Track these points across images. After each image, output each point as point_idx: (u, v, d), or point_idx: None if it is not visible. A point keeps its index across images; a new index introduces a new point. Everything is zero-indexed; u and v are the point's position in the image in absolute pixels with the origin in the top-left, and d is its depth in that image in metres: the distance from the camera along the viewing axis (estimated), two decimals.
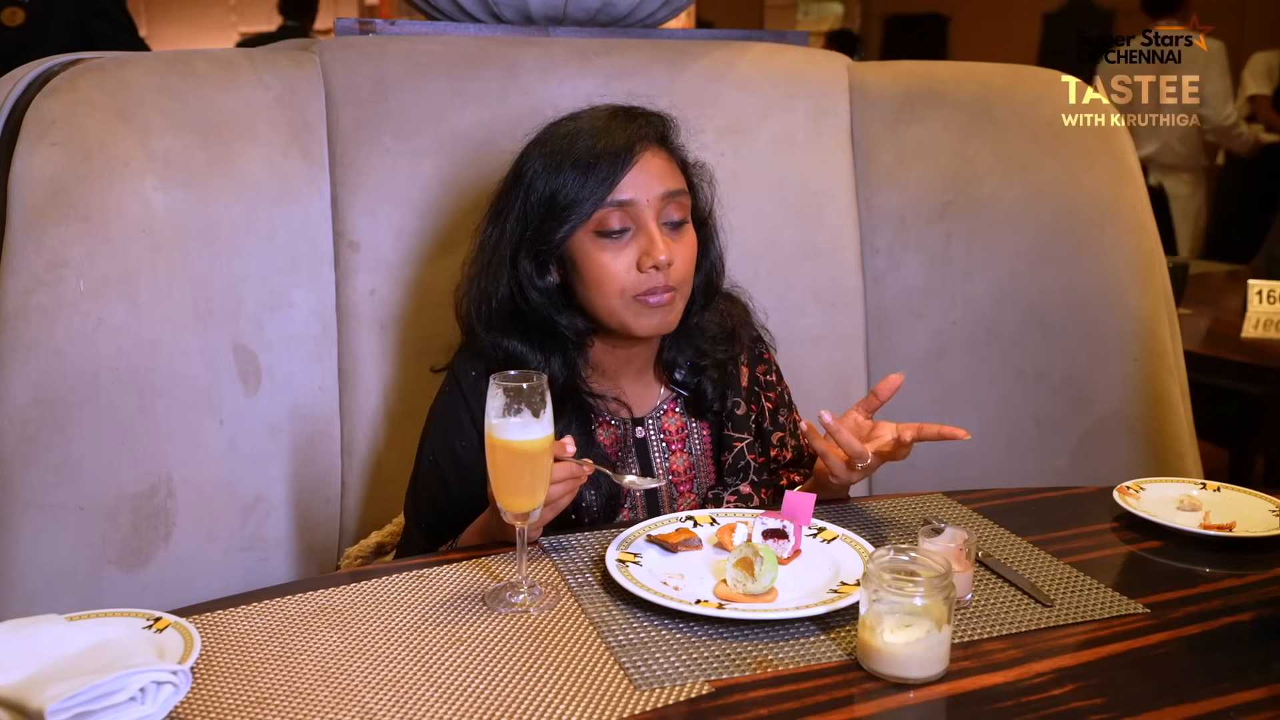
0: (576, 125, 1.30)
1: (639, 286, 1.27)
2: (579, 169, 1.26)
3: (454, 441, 1.34)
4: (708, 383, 1.40)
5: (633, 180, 1.27)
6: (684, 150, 1.37)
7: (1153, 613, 1.07)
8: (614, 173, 1.26)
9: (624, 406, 1.38)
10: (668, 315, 1.30)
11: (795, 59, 1.87)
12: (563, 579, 1.14)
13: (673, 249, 1.28)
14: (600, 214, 1.26)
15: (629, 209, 1.27)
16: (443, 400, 1.37)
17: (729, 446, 1.42)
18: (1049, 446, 1.78)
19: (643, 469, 1.38)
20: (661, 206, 1.28)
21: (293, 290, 1.57)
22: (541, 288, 1.31)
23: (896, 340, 1.82)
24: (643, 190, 1.27)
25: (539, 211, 1.29)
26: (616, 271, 1.27)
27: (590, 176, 1.26)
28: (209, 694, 0.92)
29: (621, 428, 1.39)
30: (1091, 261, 1.77)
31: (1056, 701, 0.91)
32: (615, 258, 1.27)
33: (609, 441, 1.37)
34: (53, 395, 1.34)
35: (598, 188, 1.26)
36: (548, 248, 1.29)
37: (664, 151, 1.32)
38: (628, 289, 1.27)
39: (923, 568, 0.95)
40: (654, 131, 1.31)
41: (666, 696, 0.92)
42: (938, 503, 1.38)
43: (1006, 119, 1.81)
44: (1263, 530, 1.24)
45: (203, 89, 1.55)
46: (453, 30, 1.81)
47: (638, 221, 1.27)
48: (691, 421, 1.42)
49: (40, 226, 1.36)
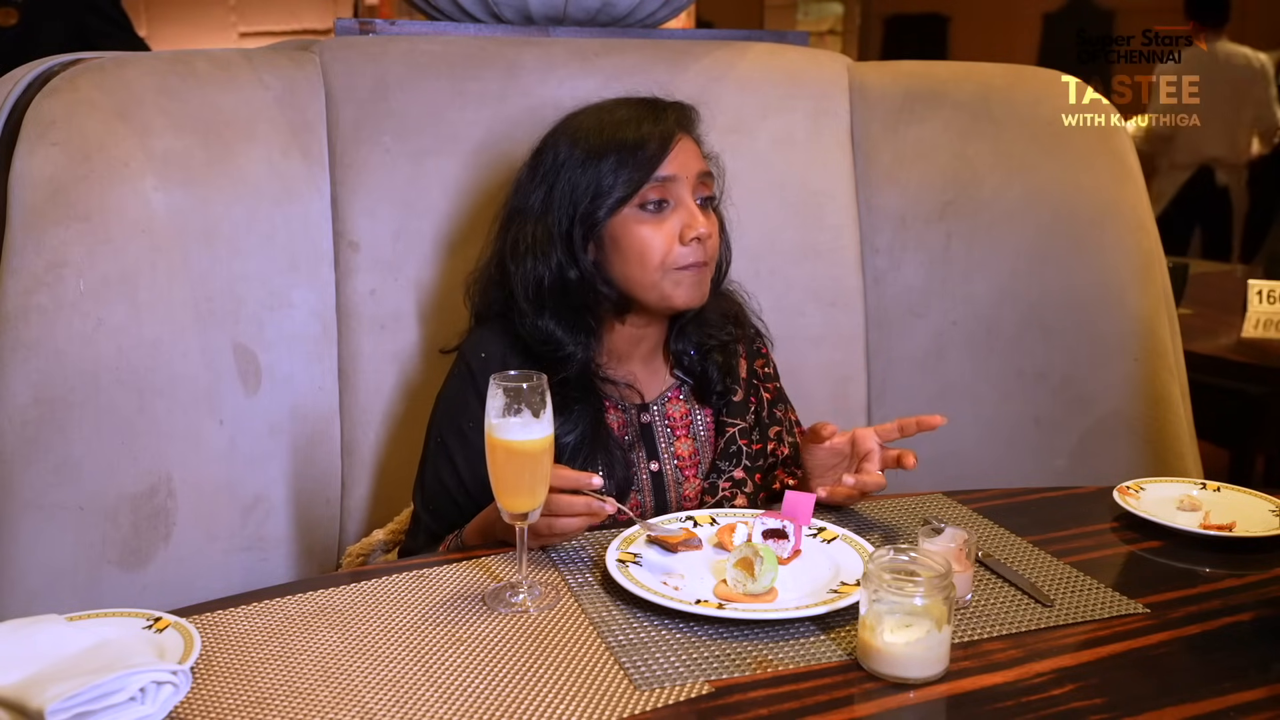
0: (610, 113, 1.36)
1: (680, 259, 1.32)
2: (625, 149, 1.32)
3: (462, 422, 1.35)
4: (713, 367, 1.44)
5: (674, 159, 1.33)
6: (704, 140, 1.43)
7: (1153, 613, 1.07)
8: (661, 151, 1.32)
9: (635, 391, 1.41)
10: (703, 287, 1.36)
11: (795, 59, 1.87)
12: (563, 579, 1.14)
13: (709, 224, 1.34)
14: (648, 189, 1.32)
15: (670, 185, 1.33)
16: (451, 382, 1.40)
17: (723, 431, 1.44)
18: (1049, 446, 1.78)
19: (649, 454, 1.41)
20: (697, 184, 1.35)
21: (293, 290, 1.57)
22: (584, 266, 1.36)
23: (896, 340, 1.82)
24: (683, 168, 1.34)
25: (585, 192, 1.34)
26: (658, 244, 1.32)
27: (636, 156, 1.31)
28: (209, 694, 0.92)
29: (629, 413, 1.41)
30: (1091, 261, 1.77)
31: (1056, 701, 0.91)
32: (656, 231, 1.33)
33: (617, 426, 1.40)
34: (53, 395, 1.34)
35: (643, 165, 1.31)
36: (590, 226, 1.34)
37: (691, 138, 1.39)
38: (669, 261, 1.32)
39: (923, 568, 0.95)
40: (686, 119, 1.39)
41: (666, 696, 0.92)
42: (938, 503, 1.38)
43: (1007, 119, 1.81)
44: (1263, 530, 1.24)
45: (203, 89, 1.55)
46: (453, 30, 1.81)
47: (677, 197, 1.33)
48: (695, 408, 1.45)
49: (40, 226, 1.36)
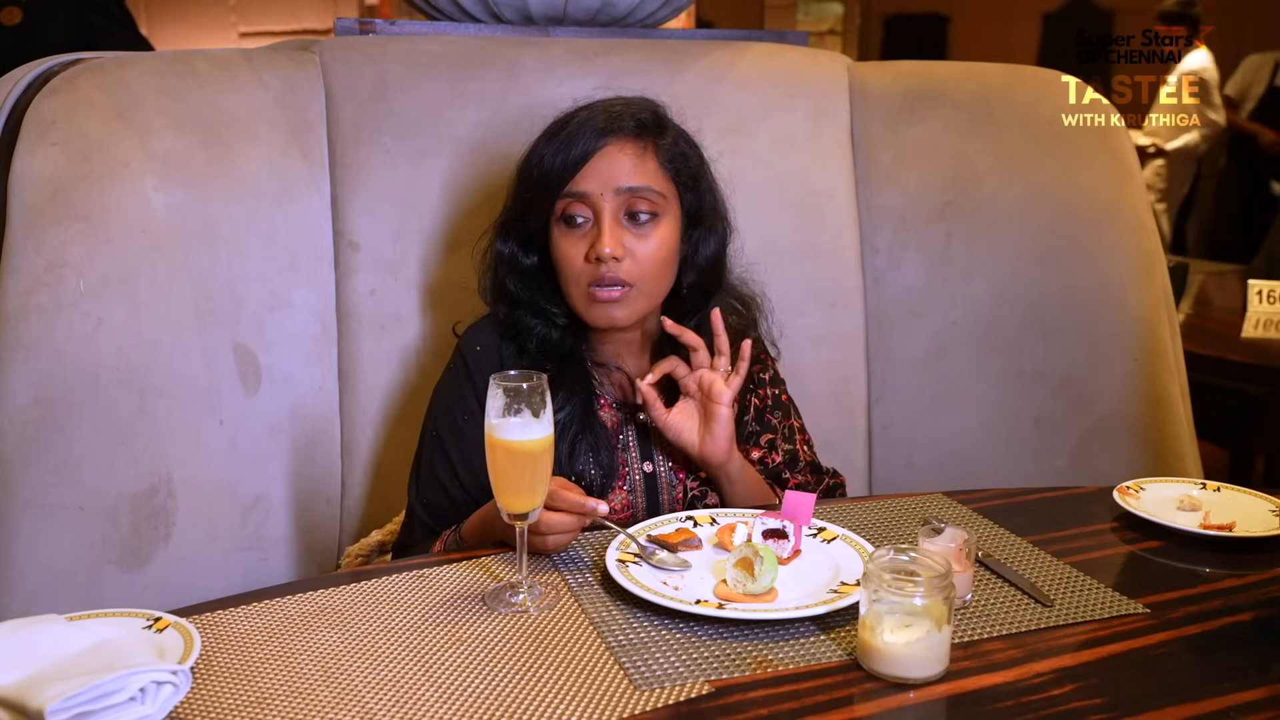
0: (571, 115, 1.34)
1: (589, 276, 1.30)
2: (551, 155, 1.31)
3: (457, 415, 1.36)
4: None
5: (592, 170, 1.30)
6: (675, 144, 1.36)
7: (1153, 613, 1.07)
8: (575, 163, 1.29)
9: (625, 376, 1.40)
10: (618, 310, 1.31)
11: (795, 59, 1.87)
12: (563, 579, 1.14)
13: (627, 244, 1.30)
14: (562, 203, 1.31)
15: (587, 200, 1.30)
16: (447, 375, 1.40)
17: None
18: (1049, 446, 1.78)
19: (643, 454, 1.40)
20: (621, 201, 1.30)
21: (293, 290, 1.57)
22: (522, 269, 1.37)
23: (896, 340, 1.82)
24: (600, 182, 1.30)
25: (522, 194, 1.35)
26: (572, 259, 1.31)
27: (554, 164, 1.30)
28: (209, 694, 0.92)
29: (624, 411, 1.40)
30: (1091, 261, 1.77)
31: (1056, 701, 0.91)
32: (573, 245, 1.31)
33: (611, 424, 1.39)
34: (53, 395, 1.34)
35: (560, 175, 1.30)
36: (527, 230, 1.35)
37: (639, 145, 1.32)
38: (581, 278, 1.31)
39: (923, 568, 0.95)
40: (632, 124, 1.32)
41: (666, 696, 0.92)
42: (937, 503, 1.38)
43: (1007, 119, 1.81)
44: (1263, 530, 1.24)
45: (203, 89, 1.55)
46: (453, 30, 1.81)
47: (595, 213, 1.30)
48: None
49: (40, 226, 1.36)
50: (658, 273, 1.33)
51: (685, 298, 1.40)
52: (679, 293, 1.40)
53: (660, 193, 1.32)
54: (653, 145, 1.34)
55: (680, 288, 1.40)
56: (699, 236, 1.39)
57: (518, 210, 1.36)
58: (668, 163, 1.34)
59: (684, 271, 1.39)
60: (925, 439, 1.80)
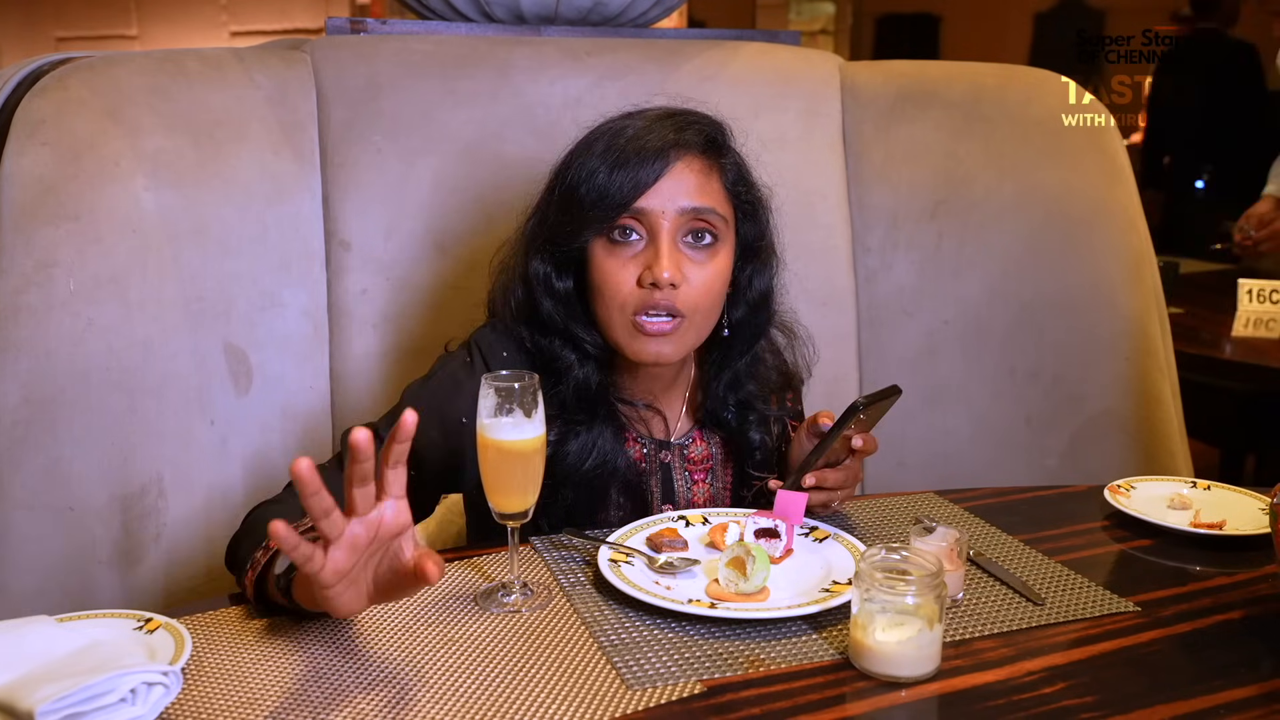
0: (624, 124, 1.21)
1: (638, 303, 1.18)
2: (607, 169, 1.17)
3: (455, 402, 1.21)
4: (754, 431, 1.33)
5: (658, 188, 1.17)
6: (738, 167, 1.26)
7: (1143, 611, 1.08)
8: (640, 177, 1.16)
9: (658, 415, 1.31)
10: (666, 345, 1.19)
11: (787, 59, 1.87)
12: (555, 579, 1.14)
13: (685, 269, 1.18)
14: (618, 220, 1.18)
15: (645, 217, 1.17)
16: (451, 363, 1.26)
17: (749, 483, 1.37)
18: (1040, 445, 1.79)
19: (664, 496, 1.33)
20: (683, 222, 1.18)
21: (284, 290, 1.57)
22: (557, 292, 1.24)
23: (888, 339, 1.82)
24: (664, 199, 1.17)
25: (563, 208, 1.21)
26: (620, 282, 1.18)
27: (615, 178, 1.17)
28: (200, 695, 0.92)
29: (649, 447, 1.32)
30: (1083, 261, 1.77)
31: (1047, 700, 0.92)
32: (622, 267, 1.18)
33: (636, 459, 1.31)
34: (43, 395, 1.34)
35: (620, 191, 1.16)
36: (566, 249, 1.22)
37: (706, 164, 1.21)
38: (628, 304, 1.18)
39: (914, 567, 0.95)
40: (700, 140, 1.21)
41: (659, 696, 0.92)
42: (929, 502, 1.39)
43: (998, 118, 1.81)
44: (1252, 528, 1.25)
45: (193, 88, 1.54)
46: (444, 29, 1.80)
47: (652, 232, 1.18)
48: (718, 452, 1.36)
49: (30, 226, 1.36)
50: (712, 305, 1.22)
51: (733, 334, 1.29)
52: (728, 330, 1.29)
53: (724, 216, 1.21)
54: (719, 165, 1.23)
55: (729, 324, 1.28)
56: (753, 269, 1.28)
57: (561, 227, 1.21)
58: (731, 186, 1.24)
59: (733, 306, 1.28)
60: (917, 438, 1.80)
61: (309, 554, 0.86)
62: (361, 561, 0.90)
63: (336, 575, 0.88)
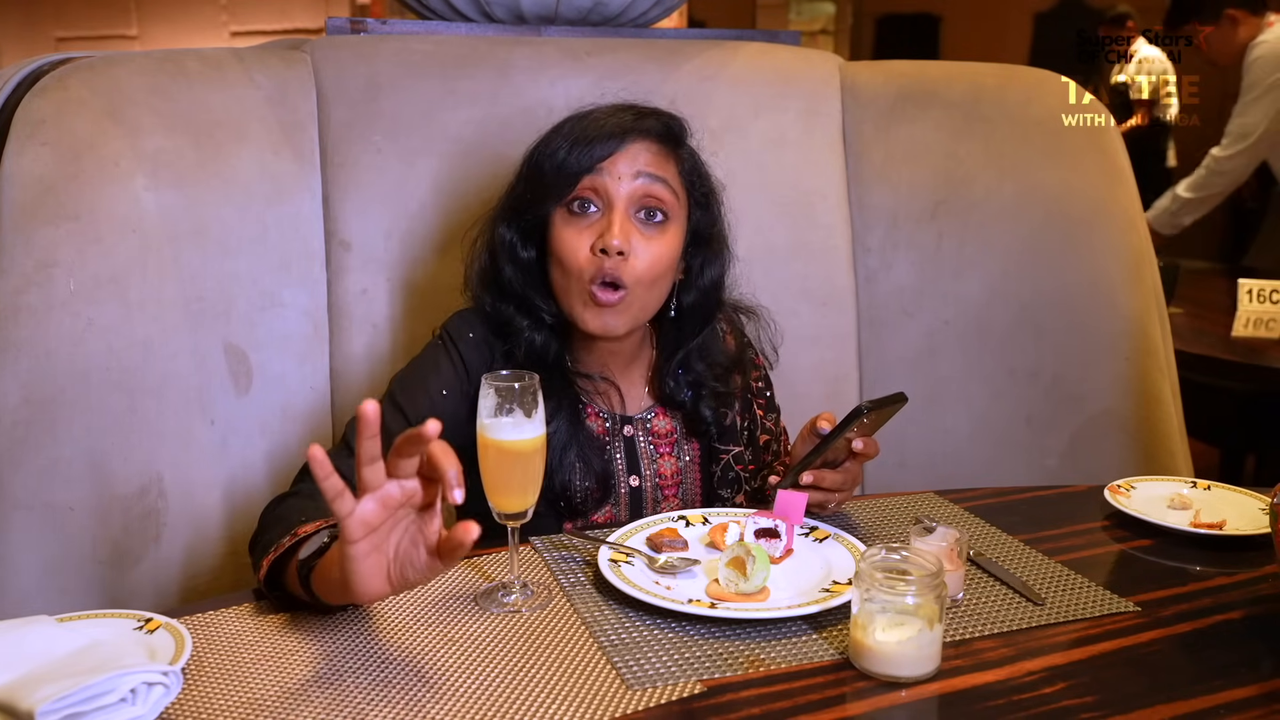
0: (589, 111, 1.31)
1: (593, 272, 1.25)
2: (569, 143, 1.27)
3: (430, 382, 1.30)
4: (706, 408, 1.39)
5: (614, 160, 1.26)
6: (693, 159, 1.34)
7: (1143, 611, 1.08)
8: (597, 151, 1.25)
9: (613, 388, 1.37)
10: (613, 318, 1.27)
11: (787, 59, 1.87)
12: (555, 579, 1.14)
13: (634, 241, 1.26)
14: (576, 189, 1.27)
15: (600, 188, 1.26)
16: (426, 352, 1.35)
17: (716, 458, 1.41)
18: (1040, 445, 1.79)
19: (629, 468, 1.38)
20: (637, 195, 1.26)
21: (284, 290, 1.57)
22: (520, 261, 1.32)
23: (888, 339, 1.82)
24: (619, 170, 1.26)
25: (528, 182, 1.31)
26: (575, 248, 1.26)
27: (574, 152, 1.26)
28: (200, 695, 0.92)
29: (611, 421, 1.38)
30: (1083, 261, 1.77)
31: (1048, 700, 0.92)
32: (578, 234, 1.27)
33: (598, 432, 1.36)
34: (43, 395, 1.33)
35: (578, 163, 1.25)
36: (531, 219, 1.31)
37: (662, 149, 1.30)
38: (584, 272, 1.26)
39: (914, 567, 0.95)
40: (657, 127, 1.29)
41: (659, 696, 0.92)
42: (929, 502, 1.39)
43: (998, 118, 1.81)
44: (1252, 528, 1.25)
45: (193, 88, 1.54)
46: (444, 29, 1.80)
47: (608, 204, 1.26)
48: (681, 426, 1.41)
49: (30, 226, 1.35)
50: (655, 280, 1.28)
51: (684, 318, 1.37)
52: (676, 313, 1.37)
53: (676, 194, 1.30)
54: (674, 154, 1.31)
55: (678, 307, 1.36)
56: (704, 258, 1.36)
57: (526, 197, 1.31)
58: (685, 175, 1.32)
59: (684, 291, 1.36)
60: (917, 438, 1.80)
61: (340, 489, 0.88)
62: (388, 525, 0.92)
63: (364, 526, 0.90)
